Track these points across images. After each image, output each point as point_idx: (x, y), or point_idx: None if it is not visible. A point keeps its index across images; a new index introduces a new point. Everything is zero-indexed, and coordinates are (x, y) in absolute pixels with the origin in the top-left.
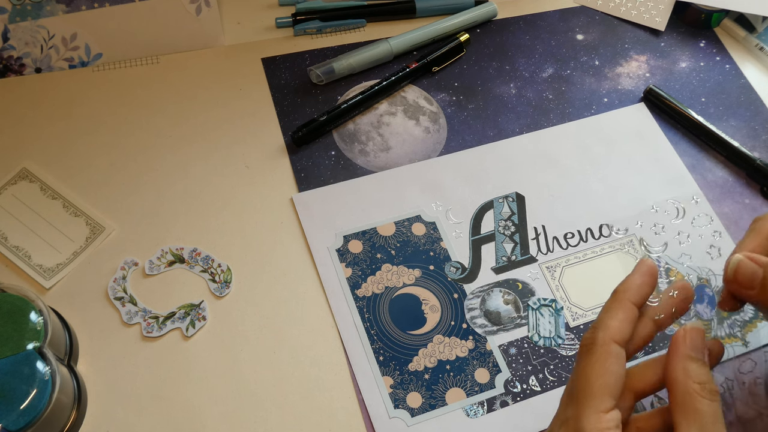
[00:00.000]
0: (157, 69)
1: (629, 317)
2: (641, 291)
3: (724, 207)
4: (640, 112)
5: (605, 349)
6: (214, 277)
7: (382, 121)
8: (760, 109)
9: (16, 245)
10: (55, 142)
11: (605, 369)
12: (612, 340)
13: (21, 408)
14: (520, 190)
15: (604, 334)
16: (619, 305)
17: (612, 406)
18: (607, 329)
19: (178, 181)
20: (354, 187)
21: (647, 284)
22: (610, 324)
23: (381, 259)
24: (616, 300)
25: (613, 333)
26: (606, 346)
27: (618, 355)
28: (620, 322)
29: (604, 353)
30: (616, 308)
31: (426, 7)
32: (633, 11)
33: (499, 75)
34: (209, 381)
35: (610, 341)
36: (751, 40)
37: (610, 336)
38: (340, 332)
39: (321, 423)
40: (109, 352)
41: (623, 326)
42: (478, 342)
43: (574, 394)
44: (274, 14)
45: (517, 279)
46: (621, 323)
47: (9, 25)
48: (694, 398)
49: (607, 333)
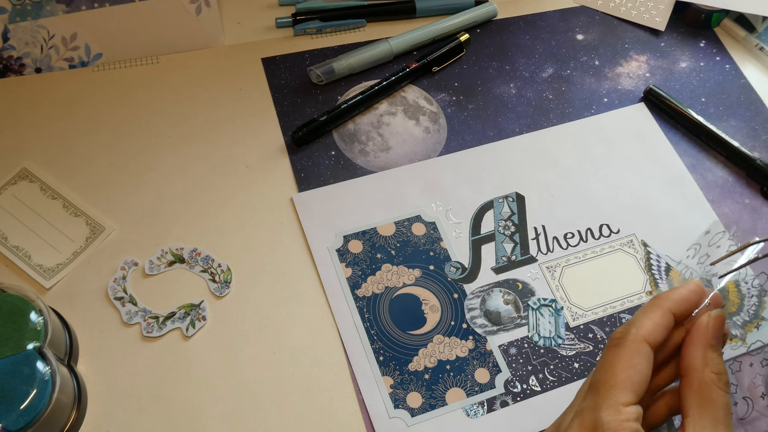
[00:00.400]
0: (157, 69)
1: (665, 323)
2: (684, 304)
3: (724, 207)
4: (640, 112)
5: (636, 346)
6: (214, 277)
7: (382, 121)
8: (760, 109)
9: (16, 245)
10: (55, 142)
11: (632, 363)
12: (644, 339)
13: (21, 408)
14: (520, 190)
15: (637, 331)
16: (658, 309)
17: (633, 401)
18: (641, 327)
19: (178, 181)
20: (354, 187)
21: (691, 301)
22: (644, 323)
23: (381, 259)
24: (655, 304)
25: (646, 333)
26: (637, 344)
27: (647, 355)
28: (655, 324)
29: (634, 349)
30: (654, 311)
31: (426, 7)
32: (633, 11)
33: (499, 75)
34: (209, 381)
35: (642, 339)
36: (751, 40)
37: (642, 335)
38: (340, 332)
39: (321, 423)
40: (109, 352)
41: (657, 329)
42: (478, 342)
43: (595, 386)
44: (274, 14)
45: (517, 279)
46: (656, 325)
47: (9, 25)
48: (710, 388)
49: (640, 331)
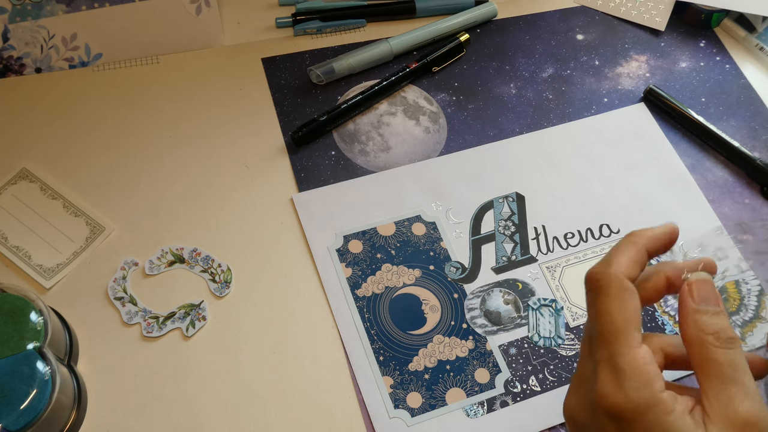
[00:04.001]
0: (157, 69)
1: (639, 259)
2: (656, 242)
3: (724, 207)
4: (640, 112)
5: (620, 285)
6: (214, 277)
7: (382, 121)
8: (760, 109)
9: (16, 245)
10: (55, 142)
11: (624, 304)
12: (624, 276)
13: (21, 408)
14: (520, 190)
15: (616, 270)
16: (632, 246)
17: (641, 340)
18: (619, 266)
19: (178, 181)
20: (354, 187)
21: (663, 240)
22: (620, 261)
23: (381, 259)
24: (629, 241)
25: (626, 270)
26: (620, 282)
27: (633, 291)
28: (632, 261)
29: (620, 289)
30: (628, 247)
31: (426, 7)
32: (633, 11)
33: (499, 75)
34: (209, 381)
35: (623, 277)
36: (751, 40)
37: (621, 272)
38: (340, 332)
39: (321, 423)
40: (109, 352)
41: (634, 266)
42: (478, 342)
43: (598, 337)
44: (274, 14)
45: (517, 279)
46: (633, 262)
47: (9, 25)
48: (708, 350)
49: (618, 269)
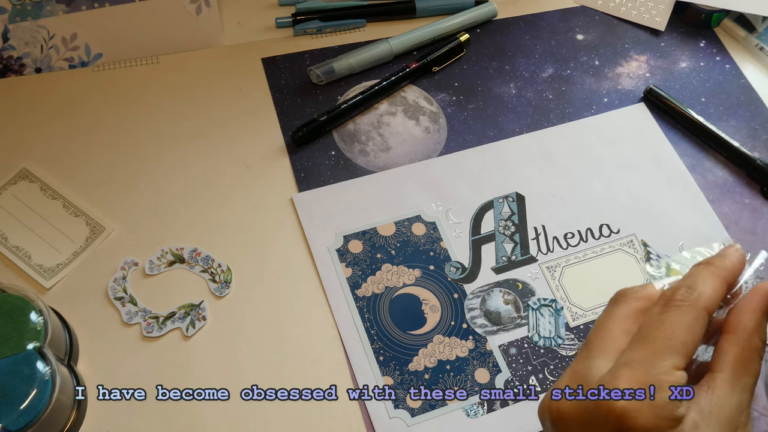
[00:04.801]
0: (157, 69)
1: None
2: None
3: (724, 207)
4: (640, 112)
5: (699, 313)
6: (214, 277)
7: (382, 121)
8: (760, 109)
9: (16, 245)
10: (55, 142)
11: (692, 330)
12: (705, 308)
13: (21, 408)
14: (520, 190)
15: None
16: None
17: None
18: (703, 295)
19: (178, 180)
20: (354, 187)
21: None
22: (707, 292)
23: (381, 259)
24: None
25: (708, 303)
26: (701, 311)
27: (705, 325)
28: (716, 295)
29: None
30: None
31: (426, 7)
32: (633, 11)
33: (499, 75)
34: (209, 381)
35: (704, 308)
36: (751, 40)
37: (703, 303)
38: (340, 332)
39: (321, 423)
40: (109, 352)
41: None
42: (478, 342)
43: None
44: (274, 14)
45: (517, 279)
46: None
47: (9, 25)
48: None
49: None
